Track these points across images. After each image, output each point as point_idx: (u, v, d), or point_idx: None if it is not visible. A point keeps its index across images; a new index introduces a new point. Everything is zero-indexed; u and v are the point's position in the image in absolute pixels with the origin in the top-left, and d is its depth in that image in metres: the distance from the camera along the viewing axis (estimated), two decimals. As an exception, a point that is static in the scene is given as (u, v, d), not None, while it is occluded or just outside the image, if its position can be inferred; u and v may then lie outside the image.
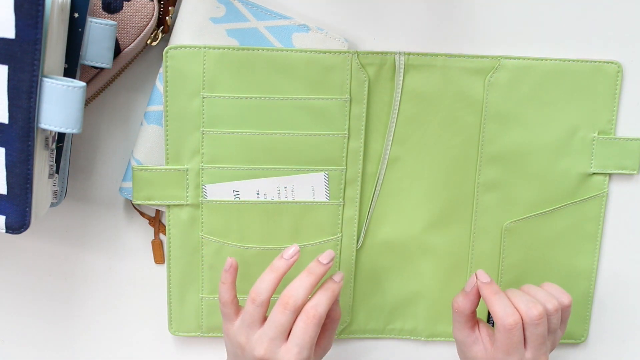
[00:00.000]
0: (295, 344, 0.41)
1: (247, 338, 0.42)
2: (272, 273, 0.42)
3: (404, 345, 0.52)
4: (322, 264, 0.43)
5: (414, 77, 0.46)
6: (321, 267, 0.43)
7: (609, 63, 0.47)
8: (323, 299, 0.42)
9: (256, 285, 0.42)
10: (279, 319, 0.41)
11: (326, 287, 0.43)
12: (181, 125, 0.45)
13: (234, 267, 0.44)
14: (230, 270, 0.44)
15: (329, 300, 0.42)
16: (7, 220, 0.40)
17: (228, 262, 0.44)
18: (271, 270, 0.43)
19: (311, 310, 0.41)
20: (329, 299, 0.42)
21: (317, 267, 0.43)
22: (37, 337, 0.51)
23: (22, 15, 0.36)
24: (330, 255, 0.43)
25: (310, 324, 0.41)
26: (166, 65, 0.44)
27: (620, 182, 0.50)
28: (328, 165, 0.47)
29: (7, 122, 0.38)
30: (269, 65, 0.45)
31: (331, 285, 0.43)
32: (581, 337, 0.52)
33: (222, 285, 0.44)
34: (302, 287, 0.42)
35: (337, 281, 0.43)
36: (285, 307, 0.41)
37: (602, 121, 0.48)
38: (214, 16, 0.44)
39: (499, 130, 0.47)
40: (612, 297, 0.52)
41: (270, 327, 0.41)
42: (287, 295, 0.42)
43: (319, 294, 0.42)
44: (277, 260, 0.43)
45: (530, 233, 0.49)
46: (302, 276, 0.42)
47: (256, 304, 0.42)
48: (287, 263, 0.43)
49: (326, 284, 0.43)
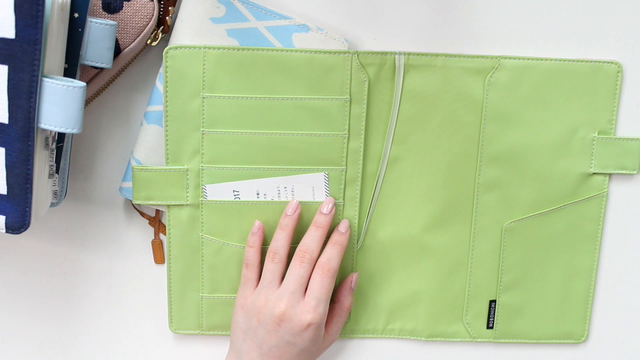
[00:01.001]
0: (313, 297, 0.44)
1: (267, 298, 0.44)
2: (283, 231, 0.45)
3: (404, 345, 0.52)
4: (325, 214, 0.46)
5: (414, 77, 0.46)
6: (326, 218, 0.46)
7: (609, 63, 0.47)
8: (334, 253, 0.45)
9: (272, 246, 0.45)
10: (298, 272, 0.44)
11: (335, 241, 0.46)
12: (181, 126, 0.46)
13: (261, 229, 0.46)
14: (258, 232, 0.46)
15: (340, 253, 0.46)
16: (7, 220, 0.40)
17: (256, 225, 0.46)
18: (281, 229, 0.46)
19: (325, 264, 0.45)
20: (339, 252, 0.46)
21: (322, 218, 0.46)
22: (37, 337, 0.51)
23: (22, 15, 0.36)
24: (330, 202, 0.46)
25: (326, 277, 0.44)
26: (166, 66, 0.44)
27: (620, 182, 0.50)
28: (328, 165, 0.47)
29: (7, 122, 0.38)
30: (269, 65, 0.45)
31: (339, 237, 0.46)
32: (581, 337, 0.52)
33: (249, 248, 0.46)
34: (313, 240, 0.45)
35: (343, 232, 0.46)
36: (302, 261, 0.44)
37: (602, 121, 0.48)
38: (214, 16, 0.45)
39: (499, 130, 0.47)
40: (612, 297, 0.52)
41: (289, 282, 0.44)
42: (302, 250, 0.45)
43: (329, 248, 0.46)
44: (283, 219, 0.46)
45: (530, 233, 0.49)
46: (310, 231, 0.45)
47: (275, 261, 0.45)
48: (293, 218, 0.46)
49: (334, 237, 0.46)
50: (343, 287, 0.48)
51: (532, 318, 0.51)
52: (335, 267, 0.45)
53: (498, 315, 0.50)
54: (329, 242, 0.46)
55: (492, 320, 0.50)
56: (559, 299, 0.50)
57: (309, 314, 0.43)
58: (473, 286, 0.50)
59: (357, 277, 0.48)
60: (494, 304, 0.50)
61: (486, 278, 0.50)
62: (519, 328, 0.51)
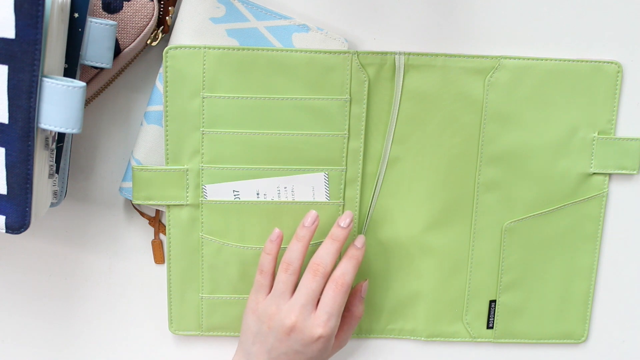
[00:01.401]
0: (325, 312, 0.43)
1: (278, 307, 0.44)
2: (299, 242, 0.45)
3: (404, 345, 0.52)
4: (343, 227, 0.45)
5: (414, 77, 0.46)
6: (343, 231, 0.45)
7: (609, 63, 0.47)
8: (349, 268, 0.45)
9: (286, 256, 0.45)
10: (310, 285, 0.44)
11: (350, 255, 0.45)
12: (181, 126, 0.46)
13: (280, 237, 0.46)
14: (276, 240, 0.46)
15: (355, 269, 0.45)
16: (7, 220, 0.41)
17: (275, 233, 0.46)
18: (297, 240, 0.45)
19: (339, 279, 0.44)
20: (354, 267, 0.45)
21: (339, 231, 0.45)
22: (37, 337, 0.51)
23: (22, 15, 0.36)
24: (349, 216, 0.46)
25: (339, 292, 0.44)
26: (166, 65, 0.44)
27: (620, 182, 0.50)
28: (328, 165, 0.47)
29: (7, 122, 0.38)
30: (269, 65, 0.45)
31: (354, 252, 0.45)
32: (581, 337, 0.52)
33: (266, 255, 0.46)
34: (328, 254, 0.44)
35: (359, 247, 0.46)
36: (315, 274, 0.44)
37: (602, 121, 0.48)
38: (214, 16, 0.45)
39: (499, 130, 0.47)
40: (612, 297, 0.52)
41: (301, 294, 0.44)
42: (315, 263, 0.44)
43: (344, 262, 0.45)
44: (300, 230, 0.45)
45: (530, 233, 0.49)
46: (326, 243, 0.45)
47: (289, 272, 0.44)
48: (310, 230, 0.45)
49: (349, 251, 0.45)
50: (354, 297, 0.48)
51: (532, 318, 0.51)
52: (349, 282, 0.44)
53: (498, 315, 0.50)
54: (345, 256, 0.45)
55: (492, 320, 0.51)
56: (559, 299, 0.50)
57: (320, 327, 0.43)
58: (473, 286, 0.50)
59: (366, 285, 0.48)
60: (494, 304, 0.50)
61: (486, 278, 0.50)
62: (519, 328, 0.51)
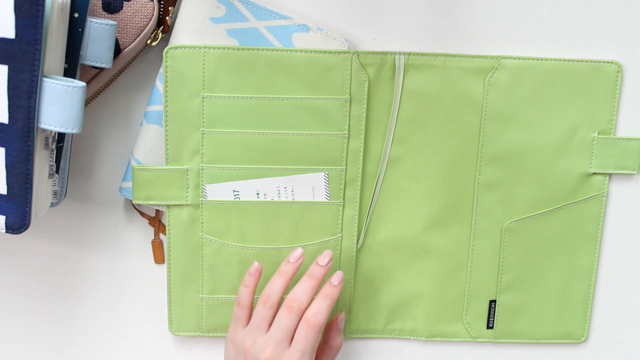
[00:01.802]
0: (297, 350, 0.43)
1: (254, 341, 0.44)
2: (281, 277, 0.45)
3: (403, 345, 0.52)
4: (321, 266, 0.45)
5: (414, 77, 0.46)
6: (321, 270, 0.45)
7: (609, 63, 0.47)
8: (323, 306, 0.44)
9: (266, 290, 0.45)
10: (285, 323, 0.43)
11: (325, 294, 0.44)
12: (181, 126, 0.46)
13: (259, 271, 0.46)
14: (255, 274, 0.46)
15: (329, 307, 0.44)
16: (7, 220, 0.41)
17: (254, 266, 0.46)
18: (279, 274, 0.45)
19: (312, 319, 0.43)
20: (328, 305, 0.44)
21: (317, 269, 0.45)
22: (37, 337, 0.51)
23: (22, 15, 0.36)
24: (328, 255, 0.45)
25: (311, 331, 0.43)
26: (166, 65, 0.45)
27: (620, 182, 0.50)
28: (328, 165, 0.47)
29: (7, 122, 0.38)
30: (269, 65, 0.45)
31: (330, 290, 0.45)
32: (581, 337, 0.52)
33: (244, 288, 0.46)
34: (304, 291, 0.44)
35: (335, 285, 0.45)
36: (290, 311, 0.44)
37: (602, 121, 0.48)
38: (214, 16, 0.45)
39: (499, 130, 0.47)
40: (612, 297, 0.52)
41: (276, 331, 0.43)
42: (291, 300, 0.44)
43: (318, 301, 0.44)
44: (284, 265, 0.45)
45: (530, 233, 0.49)
46: (303, 280, 0.45)
47: (267, 306, 0.44)
48: (294, 266, 0.45)
49: (325, 289, 0.45)
50: (331, 329, 0.48)
51: (532, 318, 0.51)
52: (322, 321, 0.43)
53: (498, 315, 0.51)
54: (320, 294, 0.45)
55: (492, 320, 0.51)
56: (559, 299, 0.51)
57: None
58: (473, 286, 0.50)
59: (343, 317, 0.48)
60: (494, 304, 0.50)
61: (486, 278, 0.50)
62: (519, 328, 0.51)
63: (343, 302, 0.50)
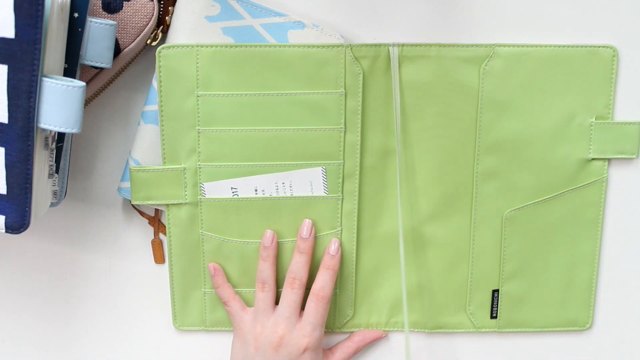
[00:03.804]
0: (309, 323, 0.46)
1: (263, 325, 0.47)
2: (265, 262, 0.48)
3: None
4: (305, 238, 0.48)
5: (409, 68, 0.47)
6: (306, 242, 0.48)
7: (604, 47, 0.48)
8: (327, 279, 0.48)
9: (259, 277, 0.48)
10: (290, 297, 0.47)
11: (327, 266, 0.48)
12: (177, 125, 0.47)
13: (217, 269, 0.49)
14: (216, 273, 0.49)
15: (333, 279, 0.48)
16: (6, 220, 0.41)
17: (211, 268, 0.49)
18: (263, 260, 0.48)
19: (320, 292, 0.47)
20: (332, 277, 0.48)
21: (303, 243, 0.48)
22: (37, 337, 0.52)
23: (22, 14, 0.37)
24: (307, 225, 0.48)
25: (320, 304, 0.47)
26: (159, 65, 0.45)
27: (619, 166, 0.51)
28: (325, 159, 0.48)
29: (7, 122, 0.39)
30: (263, 61, 0.46)
31: (330, 262, 0.48)
32: (585, 324, 0.52)
33: (217, 289, 0.49)
34: (299, 266, 0.48)
35: (333, 254, 0.48)
36: (293, 286, 0.47)
37: (599, 106, 0.49)
38: (209, 15, 0.46)
39: (496, 118, 0.48)
40: (615, 282, 0.52)
41: (283, 307, 0.46)
42: (290, 277, 0.48)
43: (321, 274, 0.48)
44: (262, 251, 0.48)
45: (531, 221, 0.50)
46: (295, 257, 0.48)
47: (265, 290, 0.47)
48: (272, 248, 0.48)
49: (325, 261, 0.48)
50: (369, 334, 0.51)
51: (535, 306, 0.51)
52: (329, 293, 0.47)
53: (501, 305, 0.51)
54: (321, 266, 0.48)
55: (495, 310, 0.51)
56: (562, 286, 0.51)
57: (306, 338, 0.46)
58: (475, 276, 0.51)
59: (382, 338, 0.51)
60: (497, 293, 0.51)
61: (488, 268, 0.51)
62: (523, 317, 0.52)
63: (345, 297, 0.51)
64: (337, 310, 0.51)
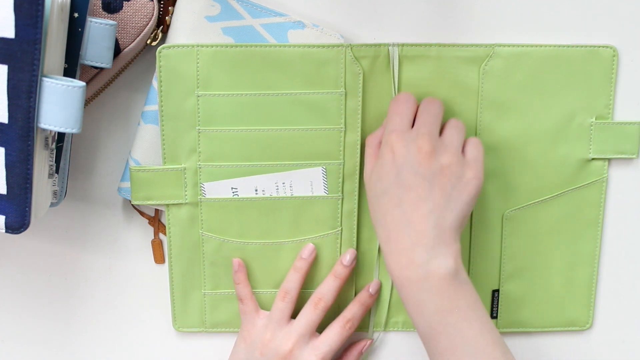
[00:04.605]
0: (327, 344, 0.47)
1: (274, 334, 0.46)
2: (297, 273, 0.48)
3: (408, 338, 0.53)
4: (346, 266, 0.48)
5: (409, 68, 0.47)
6: (345, 270, 0.48)
7: (604, 47, 0.48)
8: (358, 313, 0.49)
9: (284, 285, 0.48)
10: (310, 317, 0.47)
11: (362, 301, 0.49)
12: (177, 125, 0.47)
13: (242, 265, 0.49)
14: (239, 269, 0.49)
15: (364, 313, 0.50)
16: (6, 220, 0.42)
17: (235, 263, 0.49)
18: (295, 270, 0.49)
19: (349, 322, 0.48)
20: (363, 312, 0.49)
21: (341, 270, 0.49)
22: (37, 337, 0.52)
23: (22, 14, 0.37)
24: (351, 254, 0.48)
25: (345, 332, 0.48)
26: (159, 65, 0.46)
27: (619, 166, 0.51)
28: (325, 159, 0.48)
29: (7, 122, 0.39)
30: (263, 61, 0.46)
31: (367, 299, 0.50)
32: (586, 324, 0.53)
33: (237, 285, 0.49)
34: (330, 290, 0.48)
35: (373, 294, 0.49)
36: (317, 307, 0.47)
37: (599, 106, 0.49)
38: (209, 15, 0.46)
39: (496, 118, 0.48)
40: (615, 282, 0.53)
41: (301, 324, 0.46)
42: (317, 297, 0.47)
43: (355, 306, 0.49)
44: (297, 262, 0.49)
45: (530, 221, 0.50)
46: (329, 279, 0.49)
47: (286, 301, 0.47)
48: (307, 262, 0.48)
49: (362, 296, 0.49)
50: (354, 348, 0.51)
51: (535, 306, 0.52)
52: (356, 325, 0.49)
53: (501, 305, 0.51)
54: (357, 298, 0.49)
55: (495, 310, 0.51)
56: (563, 286, 0.51)
57: (317, 357, 0.46)
58: (475, 276, 0.51)
59: (368, 345, 0.51)
60: (497, 293, 0.51)
61: (488, 268, 0.51)
62: (523, 317, 0.52)
63: (345, 297, 0.51)
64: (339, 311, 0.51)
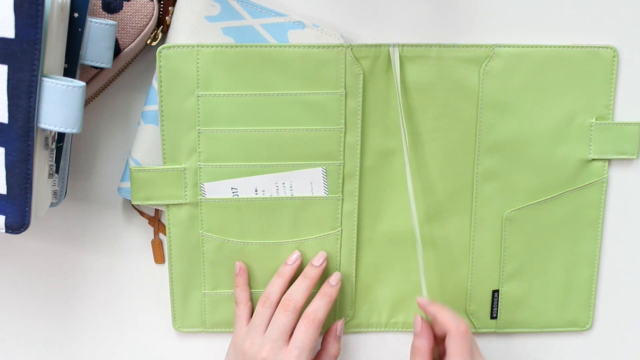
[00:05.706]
0: (296, 347, 0.45)
1: (252, 342, 0.46)
2: (279, 278, 0.48)
3: (407, 338, 0.53)
4: (315, 266, 0.48)
5: (409, 69, 0.48)
6: (315, 270, 0.48)
7: (605, 48, 0.48)
8: (322, 304, 0.47)
9: (266, 290, 0.48)
10: (281, 321, 0.46)
11: (324, 293, 0.48)
12: (177, 125, 0.47)
13: (243, 269, 0.49)
14: (240, 273, 0.49)
15: (327, 306, 0.47)
16: (6, 220, 0.42)
17: (237, 266, 0.49)
18: (278, 275, 0.48)
19: (311, 315, 0.46)
20: (327, 303, 0.47)
21: (311, 270, 0.48)
22: (37, 337, 0.52)
23: (22, 14, 0.37)
24: (322, 256, 0.48)
25: (310, 327, 0.46)
26: (159, 65, 0.46)
27: (619, 167, 0.51)
28: (326, 160, 0.48)
29: (7, 122, 0.39)
30: (263, 61, 0.46)
31: (328, 290, 0.48)
32: (586, 325, 0.53)
33: (236, 288, 0.49)
34: (299, 290, 0.47)
35: (333, 285, 0.48)
36: (286, 310, 0.46)
37: (599, 106, 0.49)
38: (209, 15, 0.46)
39: (496, 119, 0.49)
40: (615, 283, 0.53)
41: (272, 329, 0.46)
42: (287, 299, 0.47)
43: (317, 299, 0.47)
44: (282, 267, 0.49)
45: (531, 221, 0.50)
46: (298, 280, 0.48)
47: (266, 306, 0.47)
48: (292, 268, 0.48)
49: (323, 288, 0.48)
50: (329, 335, 0.50)
51: (535, 307, 0.52)
52: (321, 318, 0.46)
53: (501, 305, 0.52)
54: (319, 293, 0.48)
55: (495, 310, 0.52)
56: (563, 287, 0.52)
57: None
58: (475, 277, 0.51)
59: (342, 325, 0.50)
60: (497, 293, 0.51)
61: (488, 268, 0.51)
62: (523, 317, 0.52)
63: (345, 297, 0.51)
64: (337, 310, 0.51)
